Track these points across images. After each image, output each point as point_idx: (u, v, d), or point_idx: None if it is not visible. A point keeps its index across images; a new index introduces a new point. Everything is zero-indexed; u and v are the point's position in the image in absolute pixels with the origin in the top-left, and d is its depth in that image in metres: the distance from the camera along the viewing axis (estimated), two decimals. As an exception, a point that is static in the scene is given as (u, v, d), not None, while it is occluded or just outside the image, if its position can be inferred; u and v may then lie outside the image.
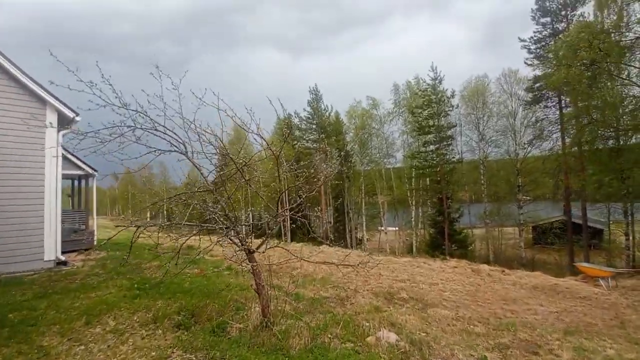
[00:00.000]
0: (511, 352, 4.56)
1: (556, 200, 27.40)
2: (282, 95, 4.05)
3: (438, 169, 23.34)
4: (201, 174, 4.28)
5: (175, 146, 4.21)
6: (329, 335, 4.46)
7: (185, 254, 4.83)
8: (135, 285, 6.14)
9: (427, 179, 27.64)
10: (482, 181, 26.35)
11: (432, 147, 25.02)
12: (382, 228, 32.55)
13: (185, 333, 3.90)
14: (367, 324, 5.41)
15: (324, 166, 5.06)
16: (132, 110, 4.11)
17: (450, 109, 25.36)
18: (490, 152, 27.08)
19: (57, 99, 8.48)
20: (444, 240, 21.44)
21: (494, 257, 24.44)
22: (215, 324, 4.31)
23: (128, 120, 4.13)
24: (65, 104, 8.53)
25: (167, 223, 4.18)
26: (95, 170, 12.71)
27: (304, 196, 4.39)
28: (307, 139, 32.86)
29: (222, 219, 4.31)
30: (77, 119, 8.48)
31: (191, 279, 7.36)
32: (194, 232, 4.38)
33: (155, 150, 4.25)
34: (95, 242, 12.34)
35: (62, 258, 8.51)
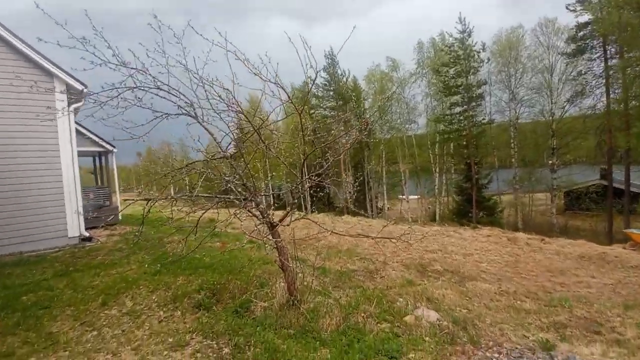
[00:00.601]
0: (570, 332, 4.01)
1: (593, 163, 25.48)
2: (298, 65, 3.29)
3: (465, 133, 21.72)
4: (214, 139, 3.75)
5: (183, 108, 3.67)
6: (362, 314, 4.04)
7: (207, 227, 4.48)
8: (156, 261, 5.94)
9: (452, 144, 26.15)
10: (512, 145, 24.67)
11: (459, 108, 23.08)
12: (404, 197, 31.84)
13: (206, 314, 3.57)
14: (402, 300, 4.98)
15: (352, 128, 4.41)
16: (132, 69, 3.57)
17: (480, 64, 22.99)
18: (523, 113, 25.06)
19: (64, 71, 8.09)
20: (471, 208, 20.45)
21: (523, 224, 23.42)
22: (238, 302, 3.98)
23: (128, 80, 3.61)
24: (73, 76, 8.13)
25: (178, 195, 3.74)
26: (113, 147, 12.60)
27: (331, 159, 3.82)
28: (324, 106, 31.67)
29: (239, 189, 3.84)
30: (86, 91, 8.08)
31: (213, 253, 7.15)
32: (212, 204, 3.97)
33: (161, 115, 3.74)
34: (120, 218, 12.47)
35: (87, 234, 8.49)
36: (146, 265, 5.59)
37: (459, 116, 22.91)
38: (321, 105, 31.99)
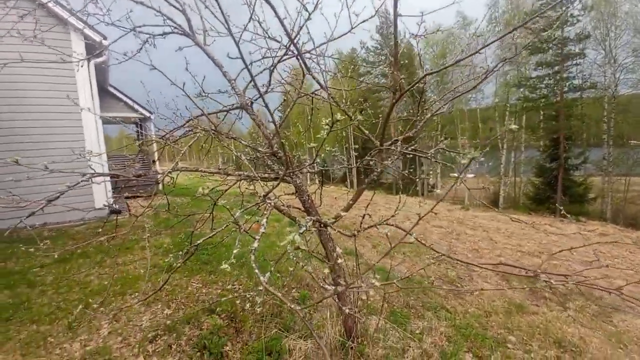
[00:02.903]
0: None
1: None
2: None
3: (556, 100, 17.45)
4: (224, 74, 2.15)
5: (169, 19, 2.09)
6: None
7: (247, 202, 3.09)
8: (177, 247, 4.81)
9: (525, 116, 21.96)
10: (606, 118, 20.04)
11: (546, 71, 18.45)
12: (461, 175, 28.51)
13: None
14: (514, 339, 3.22)
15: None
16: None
17: (582, 13, 18.06)
18: (622, 80, 20.02)
19: (82, 20, 6.96)
20: (554, 193, 16.87)
21: (612, 214, 19.41)
22: (264, 341, 2.51)
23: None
24: (91, 27, 6.98)
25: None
26: (150, 113, 11.89)
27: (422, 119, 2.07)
28: (375, 74, 28.77)
29: (271, 162, 2.27)
30: (105, 42, 6.95)
31: (245, 237, 5.86)
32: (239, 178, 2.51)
33: (133, 29, 2.22)
34: (161, 187, 11.93)
35: (116, 206, 7.73)
36: (160, 258, 4.43)
37: (547, 79, 18.54)
38: (371, 72, 29.07)
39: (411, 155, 2.32)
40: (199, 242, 1.49)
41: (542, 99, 18.00)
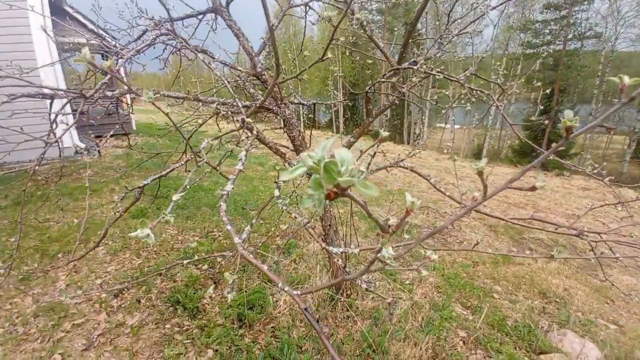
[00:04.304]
0: None
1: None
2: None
3: (559, 49, 16.41)
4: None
5: None
6: (460, 338, 2.30)
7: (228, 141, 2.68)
8: (150, 190, 4.38)
9: (520, 66, 21.10)
10: (600, 72, 19.49)
11: (553, 14, 17.05)
12: (448, 126, 28.37)
13: (187, 324, 1.92)
14: (499, 289, 3.20)
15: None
16: None
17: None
18: (622, 34, 19.16)
19: None
20: (540, 146, 16.98)
21: (589, 170, 20.01)
22: (246, 295, 2.29)
23: None
24: None
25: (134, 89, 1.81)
26: (114, 39, 10.43)
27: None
28: (369, 9, 26.38)
29: (253, 89, 1.81)
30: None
31: (226, 181, 5.53)
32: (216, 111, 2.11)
33: None
34: (134, 127, 11.14)
35: (81, 145, 7.07)
36: (131, 202, 4.01)
37: (553, 24, 17.24)
38: (365, 6, 26.58)
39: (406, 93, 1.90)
40: (145, 182, 1.11)
41: (546, 45, 17.00)
